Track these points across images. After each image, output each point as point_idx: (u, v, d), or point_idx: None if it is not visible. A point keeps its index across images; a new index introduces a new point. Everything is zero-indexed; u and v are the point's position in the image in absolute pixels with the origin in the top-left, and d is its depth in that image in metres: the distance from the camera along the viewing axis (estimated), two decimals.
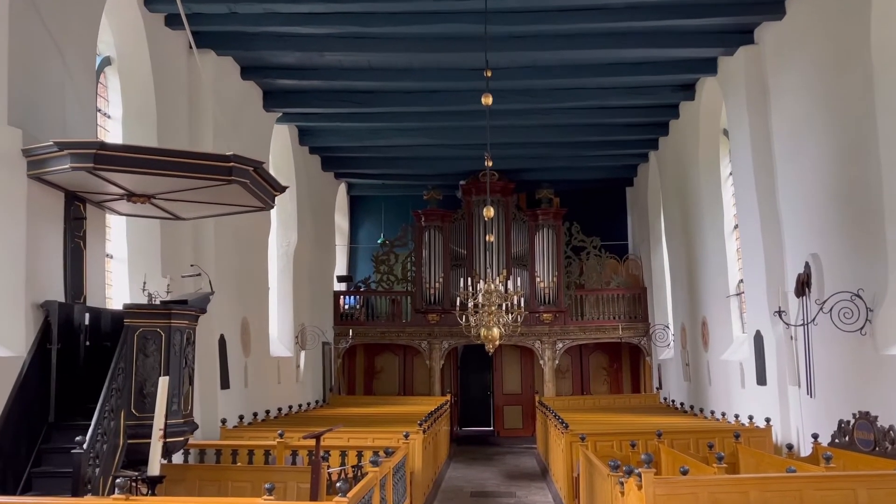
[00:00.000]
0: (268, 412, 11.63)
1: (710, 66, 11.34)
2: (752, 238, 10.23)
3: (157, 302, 6.59)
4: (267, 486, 4.70)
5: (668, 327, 15.83)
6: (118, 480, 4.80)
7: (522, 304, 10.64)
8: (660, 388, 16.14)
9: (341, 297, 17.70)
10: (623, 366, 18.35)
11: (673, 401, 14.52)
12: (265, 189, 6.71)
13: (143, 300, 6.74)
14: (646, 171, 16.79)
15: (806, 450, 8.73)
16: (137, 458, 5.94)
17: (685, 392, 14.17)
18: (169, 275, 7.57)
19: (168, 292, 6.86)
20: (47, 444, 6.05)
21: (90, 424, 5.63)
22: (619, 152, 15.82)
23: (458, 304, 11.07)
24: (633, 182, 18.16)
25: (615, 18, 9.76)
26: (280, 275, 14.17)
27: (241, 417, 10.49)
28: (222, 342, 10.34)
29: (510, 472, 12.67)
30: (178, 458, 8.27)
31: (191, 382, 6.57)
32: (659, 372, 16.38)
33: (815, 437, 8.02)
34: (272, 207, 7.11)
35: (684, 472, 5.36)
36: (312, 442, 6.66)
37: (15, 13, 6.41)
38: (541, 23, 9.78)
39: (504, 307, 10.60)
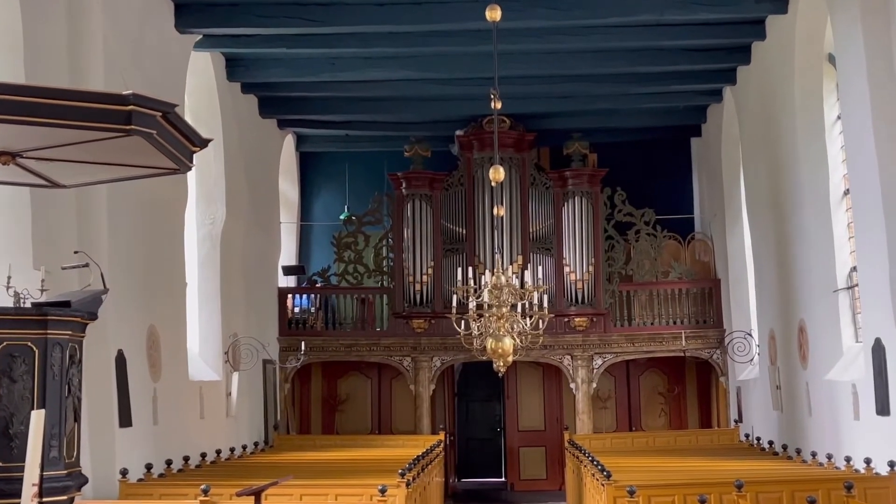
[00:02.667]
0: (187, 459, 11.66)
1: None
2: (870, 208, 10.22)
3: (28, 304, 6.55)
4: None
5: (750, 335, 15.90)
6: None
7: (546, 305, 10.66)
8: (739, 420, 16.24)
9: (289, 296, 17.73)
10: (688, 390, 18.44)
11: (758, 438, 14.60)
12: (179, 144, 6.65)
13: (9, 302, 6.71)
14: (719, 114, 16.78)
15: None
16: None
17: (775, 425, 14.26)
18: (44, 266, 7.52)
19: (43, 290, 6.82)
20: None
21: None
22: (682, 88, 15.84)
23: (454, 304, 11.07)
24: (700, 131, 18.18)
25: None
26: (202, 266, 14.19)
27: (150, 467, 10.52)
28: (121, 361, 10.34)
29: None
30: None
31: (77, 418, 6.54)
32: (738, 398, 16.46)
33: None
34: (189, 169, 7.07)
35: None
36: (251, 501, 6.67)
37: None
38: None
39: (520, 309, 10.60)
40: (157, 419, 11.35)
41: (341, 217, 18.42)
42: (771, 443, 13.67)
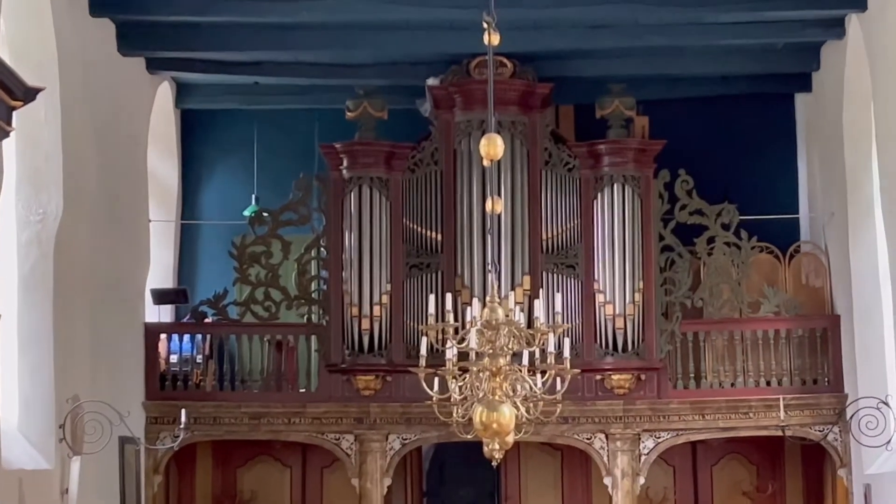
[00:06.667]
0: None
1: None
2: None
3: None
4: None
5: (886, 404, 15.69)
6: None
7: (567, 354, 10.49)
8: None
9: (163, 337, 17.82)
10: (788, 488, 18.67)
11: None
12: None
13: None
14: (840, 58, 16.84)
15: None
16: None
17: None
18: None
19: None
20: None
21: None
22: (782, 16, 15.92)
23: (423, 352, 10.85)
24: (810, 83, 18.35)
25: None
26: (25, 287, 14.07)
27: None
28: None
29: None
30: None
31: None
32: (867, 501, 16.40)
33: None
34: (7, 136, 6.97)
35: None
36: None
37: None
38: None
39: (526, 360, 10.46)
40: None
41: (246, 213, 18.63)
42: None
